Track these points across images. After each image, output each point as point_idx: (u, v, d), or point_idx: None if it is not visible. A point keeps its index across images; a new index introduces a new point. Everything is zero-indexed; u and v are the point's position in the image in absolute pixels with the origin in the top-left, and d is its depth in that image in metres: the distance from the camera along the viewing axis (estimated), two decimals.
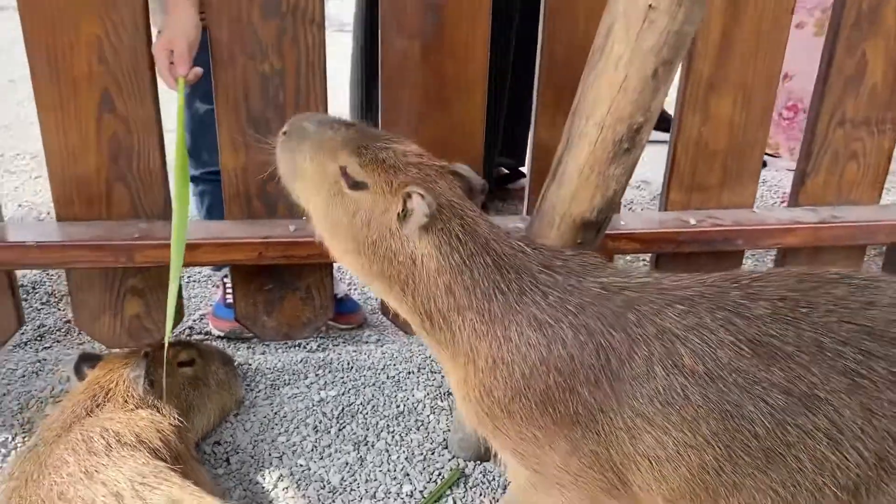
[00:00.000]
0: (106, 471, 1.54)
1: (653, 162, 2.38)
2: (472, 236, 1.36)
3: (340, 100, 2.09)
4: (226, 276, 2.59)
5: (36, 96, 1.94)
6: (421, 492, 1.94)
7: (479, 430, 1.48)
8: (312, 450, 2.07)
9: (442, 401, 2.23)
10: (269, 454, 2.06)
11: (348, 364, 2.39)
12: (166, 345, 1.85)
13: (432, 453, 2.06)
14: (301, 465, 2.02)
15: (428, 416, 2.18)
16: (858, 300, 1.31)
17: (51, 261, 1.99)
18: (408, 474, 1.99)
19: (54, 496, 1.47)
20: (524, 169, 3.45)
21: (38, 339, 2.62)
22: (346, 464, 2.03)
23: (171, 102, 1.86)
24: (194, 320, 2.70)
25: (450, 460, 2.03)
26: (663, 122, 2.25)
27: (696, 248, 2.24)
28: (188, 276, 2.98)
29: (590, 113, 1.32)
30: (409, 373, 2.35)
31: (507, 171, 3.58)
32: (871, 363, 1.26)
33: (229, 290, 2.48)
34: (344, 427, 2.14)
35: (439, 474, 1.99)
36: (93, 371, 1.91)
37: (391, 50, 2.01)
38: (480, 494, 1.94)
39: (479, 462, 2.02)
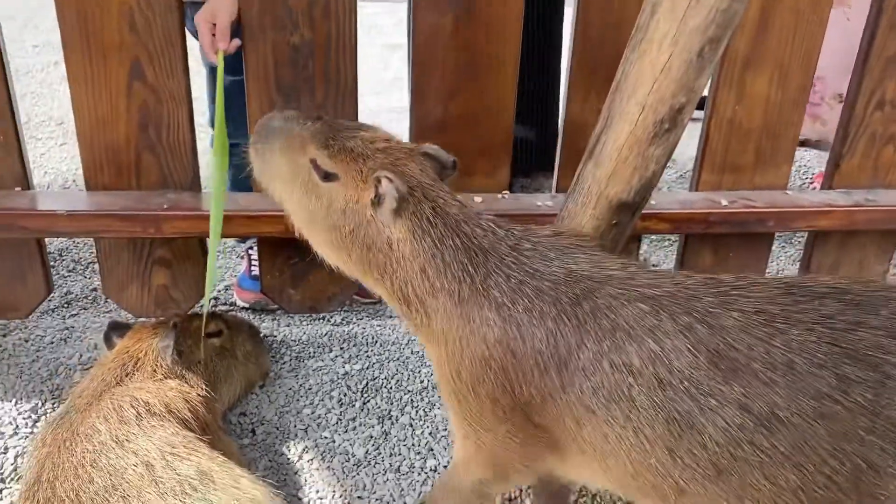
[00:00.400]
0: (137, 440, 1.56)
1: (681, 140, 2.34)
2: (443, 218, 1.37)
3: (363, 69, 2.06)
4: (251, 248, 2.60)
5: (67, 65, 1.93)
6: (444, 467, 1.95)
7: (448, 408, 1.49)
8: (337, 423, 2.09)
9: None
10: (295, 426, 2.07)
11: (372, 338, 2.39)
12: (205, 314, 1.87)
13: None
14: (326, 438, 2.04)
15: None
16: (846, 319, 1.22)
17: (80, 230, 2.00)
18: (431, 449, 2.00)
19: (87, 463, 1.49)
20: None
21: (65, 306, 2.65)
22: (371, 437, 2.04)
23: (199, 75, 1.86)
24: (220, 291, 2.71)
25: None
26: None
27: (727, 230, 2.21)
28: (221, 250, 2.99)
29: (631, 92, 1.29)
30: None
31: None
32: (848, 388, 1.18)
33: (254, 262, 2.49)
34: (368, 401, 2.15)
35: None
36: (122, 340, 1.93)
37: (423, 24, 1.99)
38: None
39: None
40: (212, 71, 2.46)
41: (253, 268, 2.56)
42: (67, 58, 1.92)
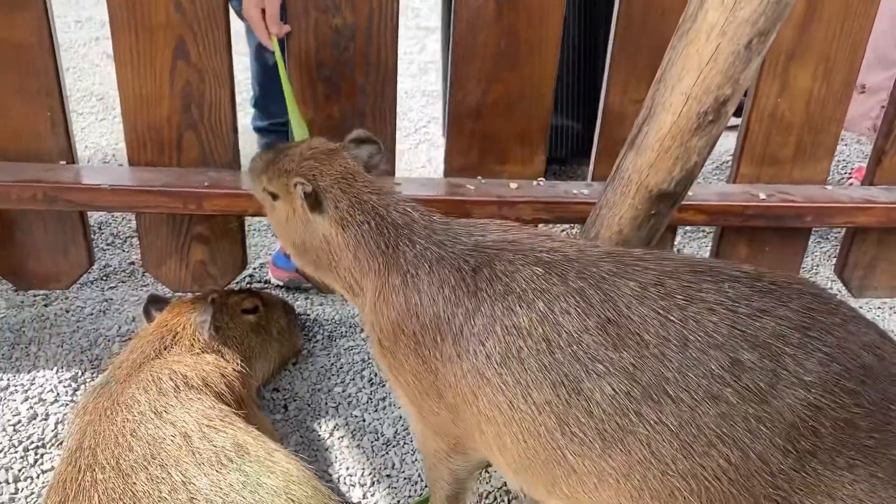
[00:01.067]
0: (174, 411, 1.59)
1: None
2: (360, 207, 1.50)
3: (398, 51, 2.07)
4: None
5: (113, 45, 1.97)
6: None
7: (385, 375, 1.58)
8: (367, 402, 2.11)
9: None
10: (326, 403, 2.11)
11: None
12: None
13: None
14: (356, 416, 2.07)
15: None
16: (752, 305, 1.19)
17: (123, 204, 2.04)
18: None
19: (127, 433, 1.53)
20: None
21: (104, 278, 2.70)
22: (400, 418, 2.06)
23: (240, 54, 1.88)
24: (254, 269, 2.75)
25: None
26: None
27: (764, 223, 2.20)
28: (249, 225, 3.03)
29: (676, 82, 1.29)
30: None
31: None
32: (740, 374, 1.15)
33: None
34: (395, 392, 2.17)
35: None
36: (160, 314, 1.97)
37: (465, 8, 1.99)
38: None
39: None
40: (257, 48, 2.50)
41: None
42: (114, 38, 1.96)
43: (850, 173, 3.59)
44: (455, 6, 2.00)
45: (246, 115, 2.74)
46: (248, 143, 2.63)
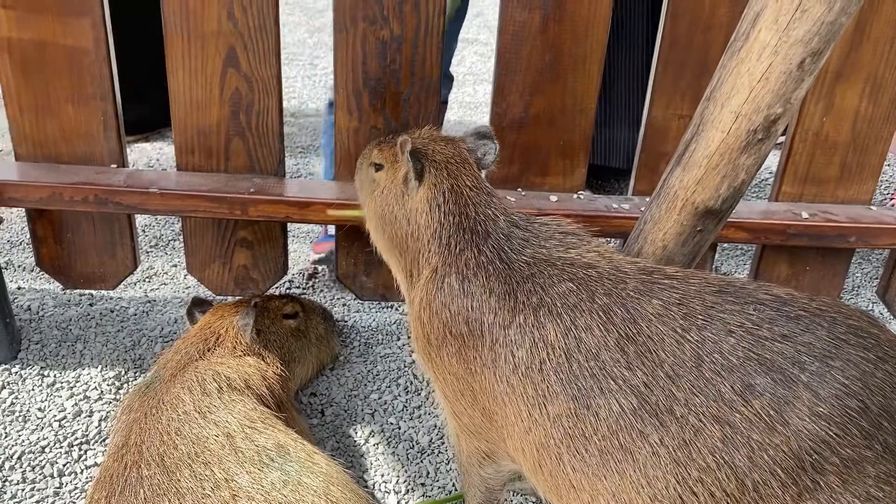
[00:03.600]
0: (218, 412, 1.62)
1: None
2: (456, 196, 1.53)
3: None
4: None
5: (167, 52, 2.01)
6: None
7: (430, 378, 1.61)
8: (403, 409, 2.13)
9: None
10: (362, 410, 2.13)
11: None
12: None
13: None
14: (392, 424, 2.09)
15: None
16: (775, 330, 1.17)
17: (171, 208, 2.08)
18: None
19: (172, 431, 1.56)
20: None
21: (147, 280, 2.76)
22: (435, 427, 2.08)
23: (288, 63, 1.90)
24: (293, 274, 2.78)
25: None
26: None
27: (806, 243, 2.18)
28: (298, 235, 3.07)
29: (726, 100, 1.29)
30: None
31: None
32: (751, 398, 1.13)
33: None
34: (433, 391, 2.18)
35: None
36: (204, 316, 2.01)
37: (511, 21, 2.01)
38: None
39: None
40: None
41: (329, 229, 2.78)
42: (168, 45, 2.00)
43: (892, 194, 3.54)
44: (501, 18, 2.02)
45: (292, 122, 2.77)
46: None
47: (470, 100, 4.81)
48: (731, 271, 2.99)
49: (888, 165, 3.83)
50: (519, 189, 2.19)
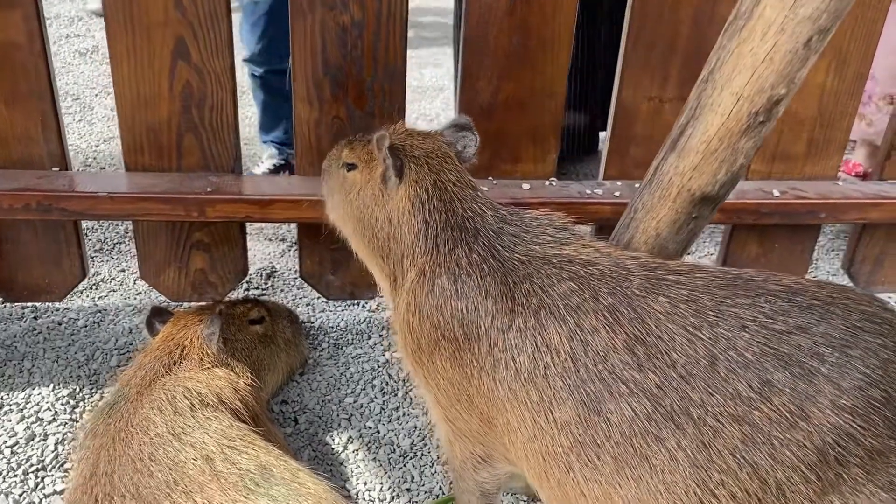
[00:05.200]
0: (193, 433, 1.52)
1: None
2: (440, 192, 1.45)
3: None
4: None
5: (109, 43, 1.87)
6: None
7: (417, 383, 1.53)
8: (381, 412, 2.05)
9: None
10: (338, 415, 2.04)
11: None
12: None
13: None
14: (370, 428, 2.00)
15: None
16: (790, 322, 1.13)
17: (122, 212, 1.94)
18: None
19: (145, 457, 1.45)
20: None
21: (94, 287, 2.59)
22: (416, 428, 2.00)
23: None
24: (251, 276, 2.66)
25: None
26: None
27: (777, 220, 2.17)
28: (251, 233, 2.93)
29: (726, 82, 1.24)
30: None
31: None
32: (770, 395, 1.09)
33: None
34: (411, 390, 2.11)
35: None
36: (165, 327, 1.88)
37: (477, 3, 1.92)
38: None
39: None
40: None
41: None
42: (110, 36, 1.86)
43: (840, 167, 3.59)
44: (466, 3, 1.94)
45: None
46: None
47: (417, 84, 4.71)
48: (698, 253, 2.99)
49: None
50: (490, 178, 2.12)
